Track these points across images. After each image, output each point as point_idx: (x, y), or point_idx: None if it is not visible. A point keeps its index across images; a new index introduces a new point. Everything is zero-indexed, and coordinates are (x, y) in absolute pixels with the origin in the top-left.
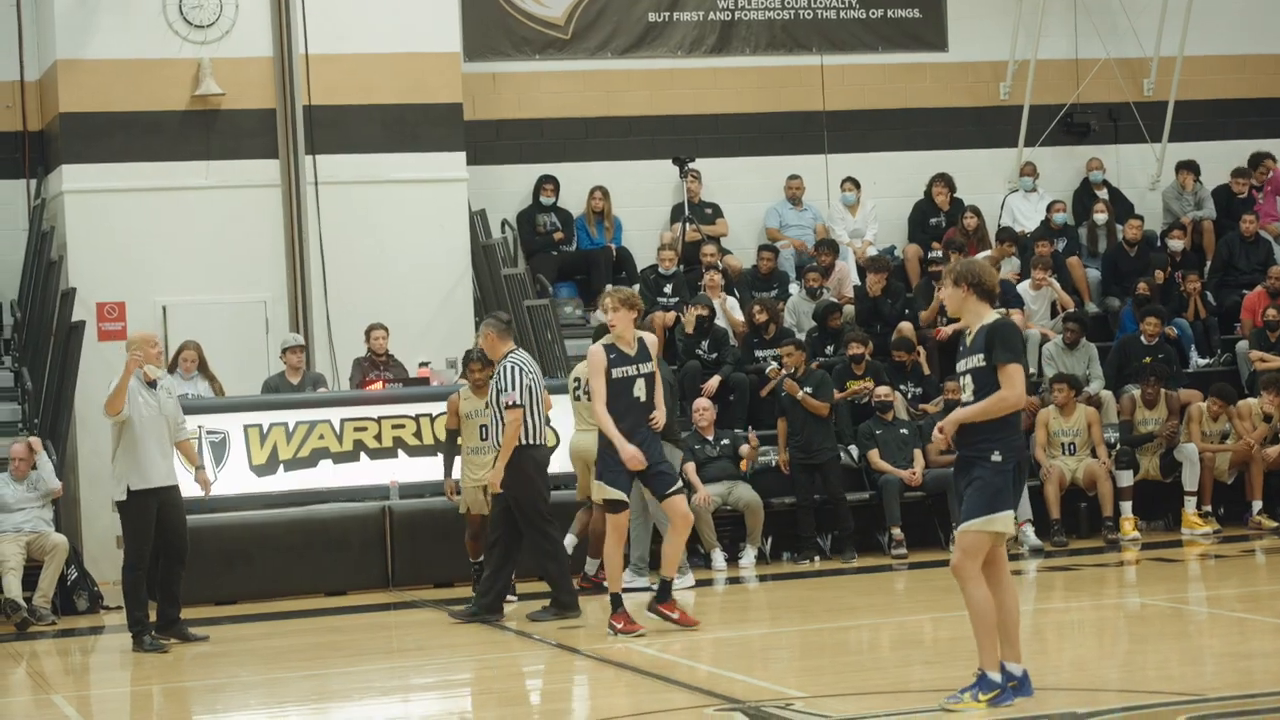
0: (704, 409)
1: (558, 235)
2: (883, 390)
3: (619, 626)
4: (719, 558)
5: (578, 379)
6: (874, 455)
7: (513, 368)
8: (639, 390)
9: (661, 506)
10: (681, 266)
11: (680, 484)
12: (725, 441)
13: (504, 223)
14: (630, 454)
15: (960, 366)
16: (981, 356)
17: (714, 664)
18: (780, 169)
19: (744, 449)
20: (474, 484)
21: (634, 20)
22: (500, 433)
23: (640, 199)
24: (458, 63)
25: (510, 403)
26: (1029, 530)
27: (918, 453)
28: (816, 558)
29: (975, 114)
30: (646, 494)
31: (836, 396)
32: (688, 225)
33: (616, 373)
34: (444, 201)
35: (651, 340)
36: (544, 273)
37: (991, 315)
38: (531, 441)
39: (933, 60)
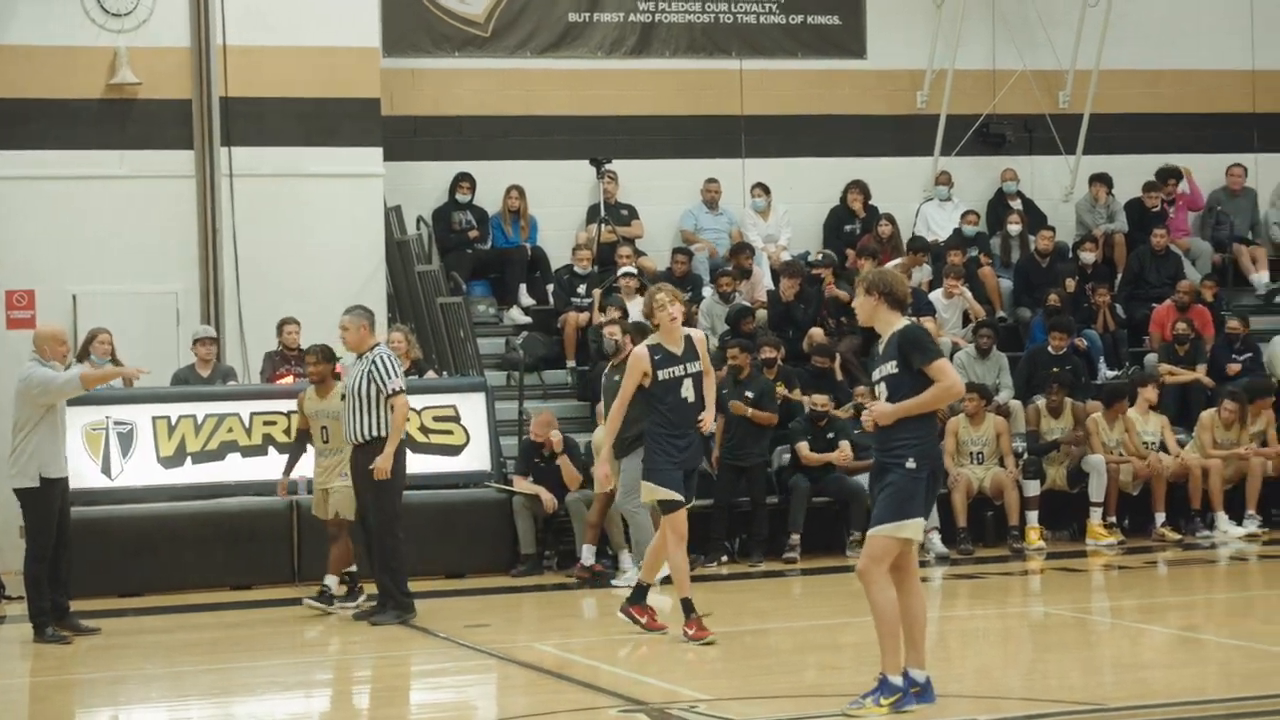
0: None
1: (473, 233)
2: (820, 400)
3: (690, 633)
4: (626, 559)
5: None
6: (803, 447)
7: (388, 357)
8: (687, 390)
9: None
10: (596, 267)
11: (691, 500)
12: None
13: (419, 219)
14: (600, 473)
15: (875, 375)
16: (895, 363)
17: (620, 665)
18: (697, 172)
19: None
20: (319, 488)
21: (554, 20)
22: (358, 429)
23: (556, 199)
24: (376, 58)
25: (396, 389)
26: (935, 538)
27: (845, 442)
28: (724, 559)
29: (892, 122)
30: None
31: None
32: (603, 226)
33: (663, 374)
34: (359, 197)
35: (699, 338)
36: (458, 270)
37: (899, 322)
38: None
39: (851, 67)
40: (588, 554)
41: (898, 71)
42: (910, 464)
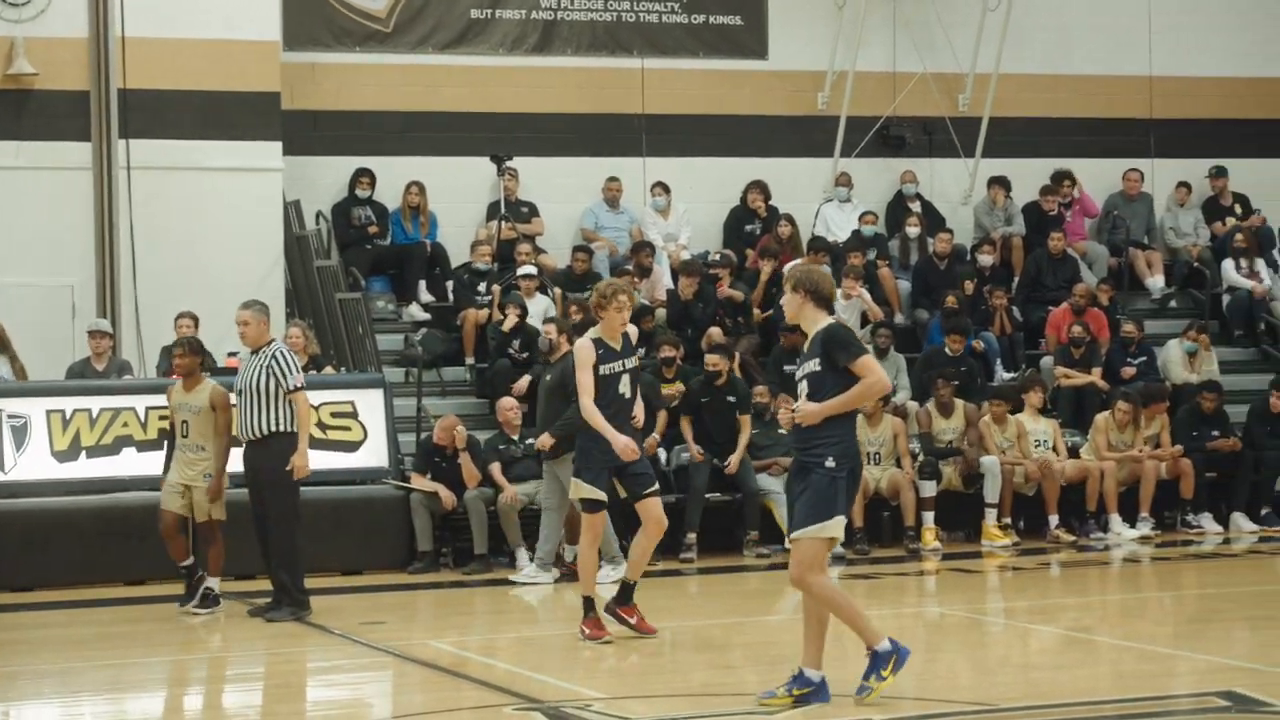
0: (512, 408)
1: (372, 229)
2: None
3: (588, 632)
4: (524, 557)
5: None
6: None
7: (287, 352)
8: (624, 386)
9: (636, 507)
10: (496, 264)
11: (656, 486)
12: (531, 441)
13: (318, 214)
14: (622, 444)
15: (798, 373)
16: (817, 362)
17: (514, 663)
18: (598, 170)
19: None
20: (177, 483)
21: (456, 16)
22: (254, 424)
23: (457, 195)
24: (276, 51)
25: (296, 385)
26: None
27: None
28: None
29: (793, 123)
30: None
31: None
32: (503, 223)
33: (604, 369)
34: (258, 191)
35: (634, 334)
36: (357, 266)
37: (824, 320)
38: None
39: (753, 68)
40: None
41: (799, 72)
42: (830, 463)
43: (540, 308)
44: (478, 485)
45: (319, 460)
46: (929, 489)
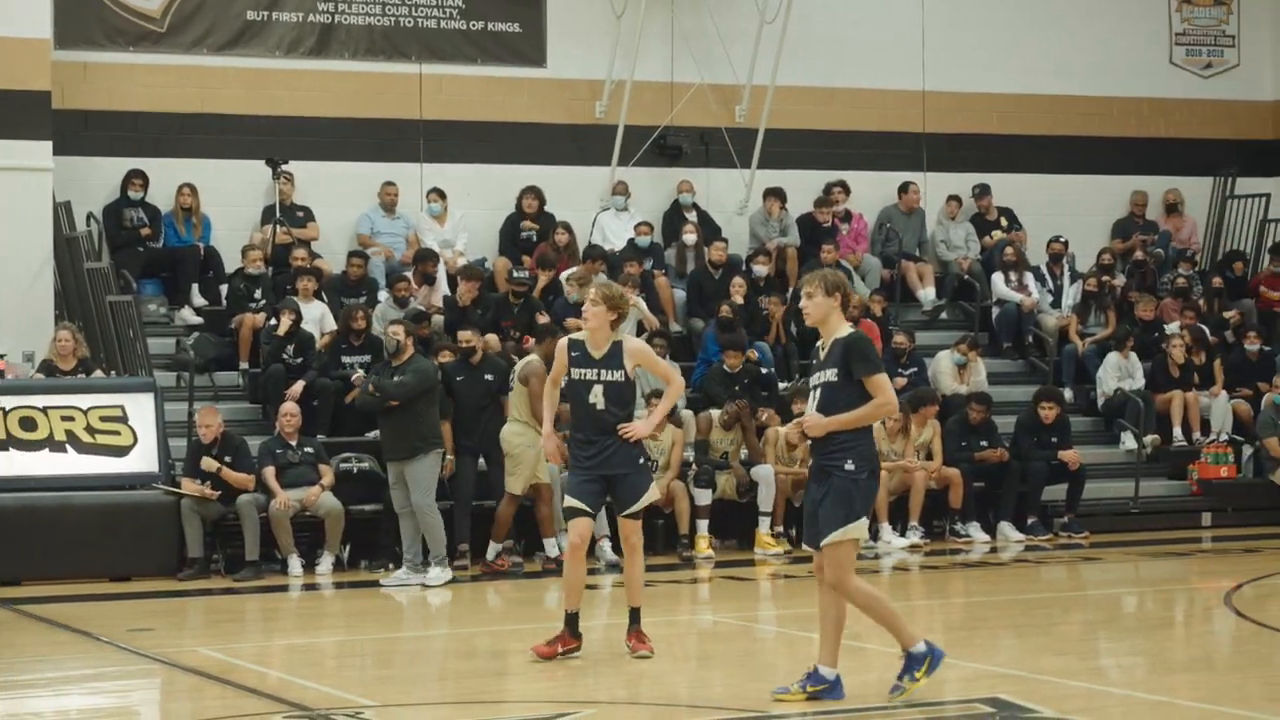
0: (290, 414)
1: (144, 231)
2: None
3: (561, 650)
4: (295, 564)
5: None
6: None
7: None
8: (595, 397)
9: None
10: (270, 269)
11: (635, 508)
12: (308, 449)
13: (89, 216)
14: (549, 447)
15: (813, 380)
16: (835, 372)
17: (286, 671)
18: (375, 175)
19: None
20: None
21: (232, 17)
22: None
23: (231, 198)
24: (47, 50)
25: None
26: (606, 545)
27: None
28: (391, 565)
29: (571, 131)
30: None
31: None
32: (278, 227)
33: (574, 373)
34: (27, 191)
35: (632, 349)
36: (129, 269)
37: (846, 329)
38: None
39: (531, 75)
40: (550, 546)
41: (577, 81)
42: (849, 465)
43: (316, 313)
44: (251, 491)
45: (88, 465)
46: (704, 497)
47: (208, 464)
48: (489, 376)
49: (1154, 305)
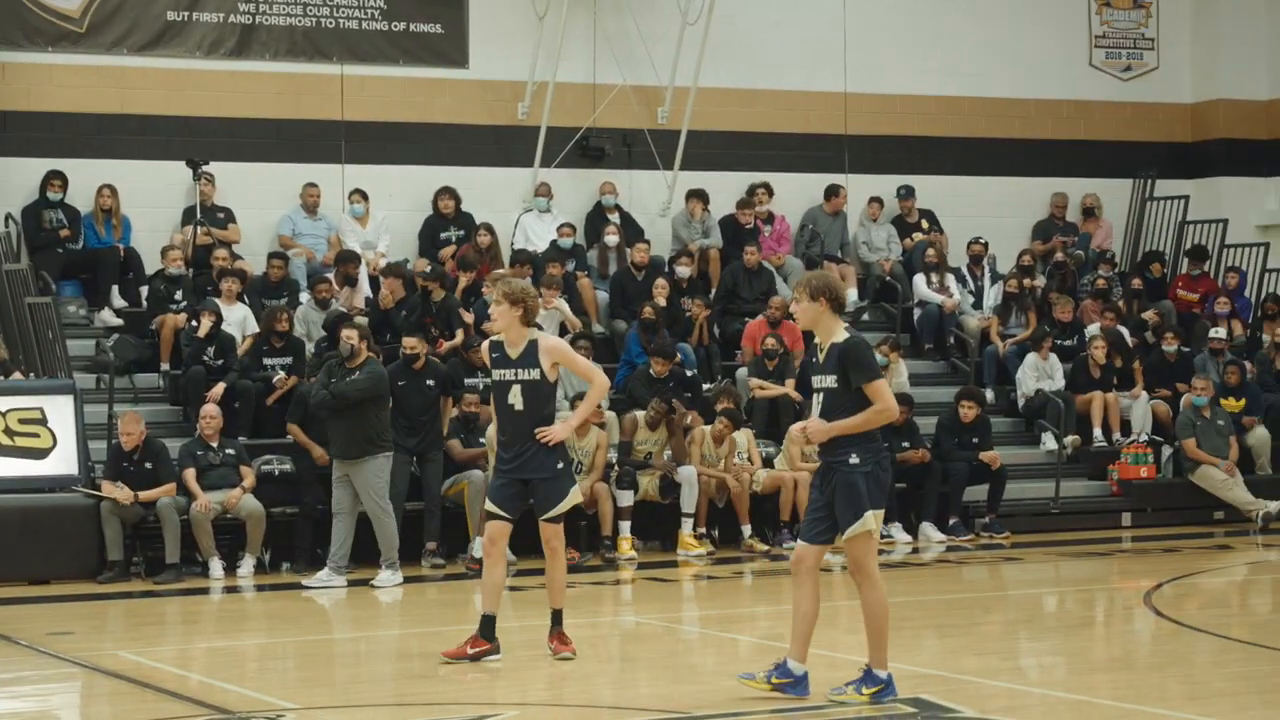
0: (210, 416)
1: (64, 232)
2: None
3: (472, 651)
4: (216, 566)
5: None
6: (455, 444)
7: None
8: (514, 398)
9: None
10: (190, 270)
11: (554, 511)
12: (230, 451)
13: (8, 216)
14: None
15: (814, 384)
16: (834, 379)
17: (206, 674)
18: (297, 177)
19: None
20: None
21: (152, 18)
22: None
23: (152, 199)
24: None
25: None
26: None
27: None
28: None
29: (493, 132)
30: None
31: None
32: (199, 229)
33: (496, 374)
34: None
35: (549, 347)
36: (48, 270)
37: (842, 332)
38: None
39: (453, 77)
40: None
41: (499, 82)
42: (853, 459)
43: (239, 315)
44: (172, 494)
45: (6, 468)
46: (626, 499)
47: (123, 495)
48: (430, 382)
49: (1072, 306)
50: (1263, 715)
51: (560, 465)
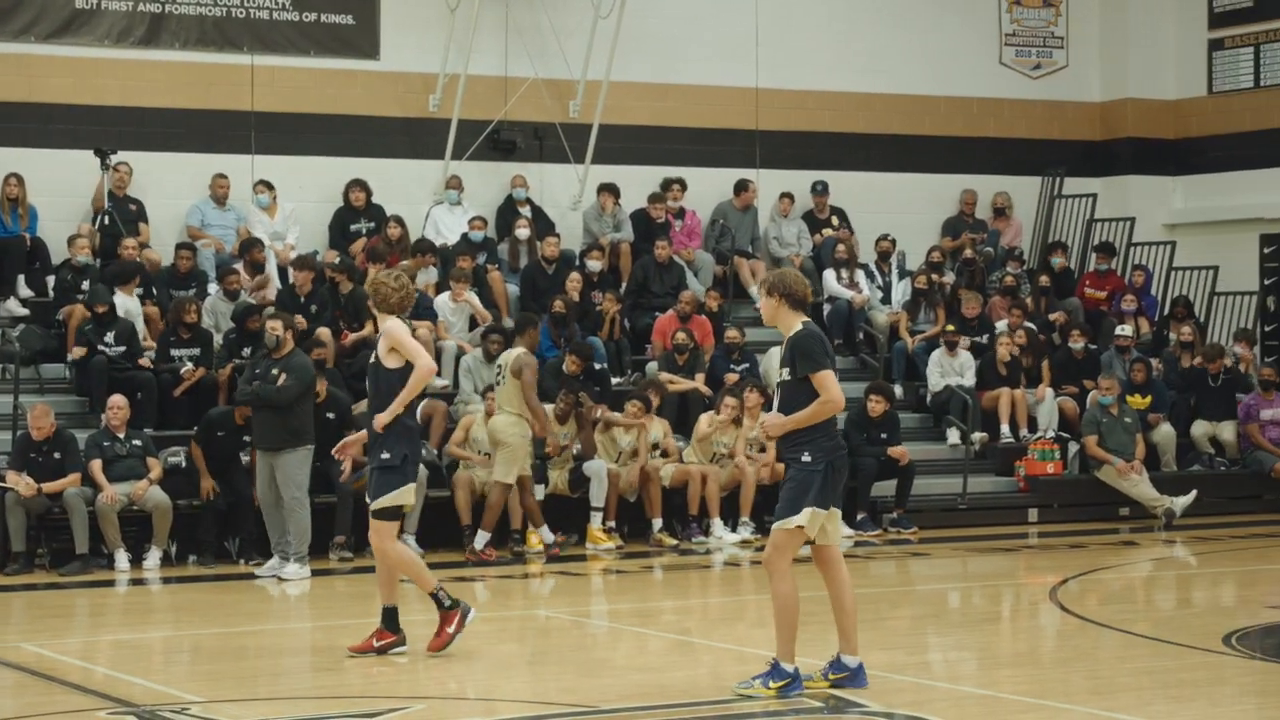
0: (117, 407)
1: None
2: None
3: (377, 645)
4: (122, 558)
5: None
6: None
7: None
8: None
9: None
10: (98, 260)
11: (374, 505)
12: (136, 442)
13: None
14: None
15: (775, 378)
16: (788, 371)
17: (111, 666)
18: (206, 167)
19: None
20: None
21: (60, 6)
22: None
23: (59, 188)
24: None
25: None
26: (411, 540)
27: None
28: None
29: (404, 124)
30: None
31: None
32: (106, 219)
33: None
34: None
35: (385, 329)
36: None
37: (797, 327)
38: None
39: (364, 68)
40: (481, 539)
41: (411, 74)
42: (806, 458)
43: (139, 305)
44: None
45: None
46: (537, 492)
47: (25, 487)
48: (330, 415)
49: (981, 303)
50: (1166, 709)
51: (387, 456)
